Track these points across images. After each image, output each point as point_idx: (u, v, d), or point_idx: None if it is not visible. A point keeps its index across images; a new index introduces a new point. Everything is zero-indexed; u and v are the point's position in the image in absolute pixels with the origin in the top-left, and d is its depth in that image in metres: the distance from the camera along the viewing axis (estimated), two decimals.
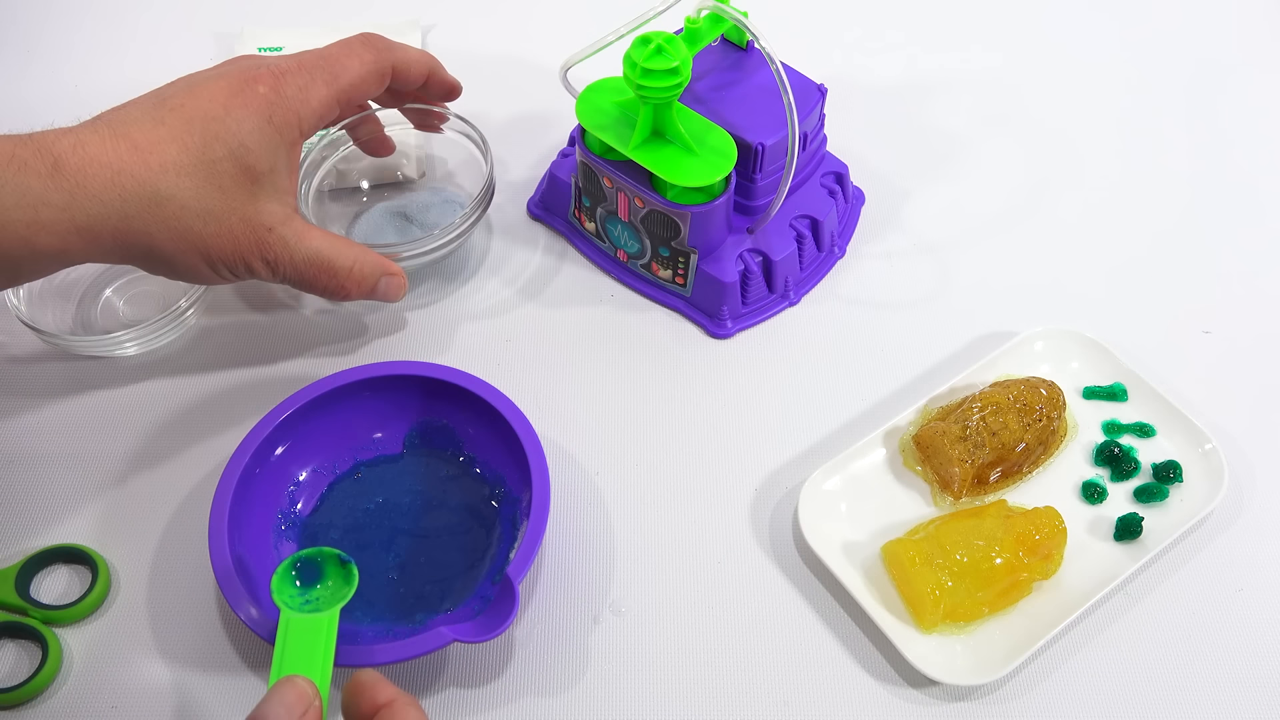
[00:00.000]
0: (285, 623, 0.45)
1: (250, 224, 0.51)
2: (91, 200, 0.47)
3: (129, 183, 0.47)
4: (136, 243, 0.49)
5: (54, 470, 0.58)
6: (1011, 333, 0.63)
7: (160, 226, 0.49)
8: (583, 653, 0.53)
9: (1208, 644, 0.53)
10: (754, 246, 0.62)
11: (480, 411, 0.55)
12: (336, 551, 0.47)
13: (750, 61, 0.62)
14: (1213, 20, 0.82)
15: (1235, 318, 0.65)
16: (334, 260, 0.54)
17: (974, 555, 0.51)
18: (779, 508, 0.57)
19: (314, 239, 0.54)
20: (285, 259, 0.53)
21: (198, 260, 0.51)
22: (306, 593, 0.47)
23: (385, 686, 0.41)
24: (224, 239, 0.51)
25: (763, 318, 0.64)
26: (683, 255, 0.61)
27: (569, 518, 0.57)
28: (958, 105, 0.76)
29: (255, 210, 0.51)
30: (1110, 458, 0.57)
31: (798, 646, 0.53)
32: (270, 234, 0.52)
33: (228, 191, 0.50)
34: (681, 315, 0.64)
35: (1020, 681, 0.52)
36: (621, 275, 0.65)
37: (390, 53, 0.57)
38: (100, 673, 0.52)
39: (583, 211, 0.65)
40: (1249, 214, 0.70)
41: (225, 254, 0.51)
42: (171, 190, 0.48)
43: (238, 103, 0.50)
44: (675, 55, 0.52)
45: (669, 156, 0.56)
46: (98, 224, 0.47)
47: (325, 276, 0.55)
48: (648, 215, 0.60)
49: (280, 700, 0.40)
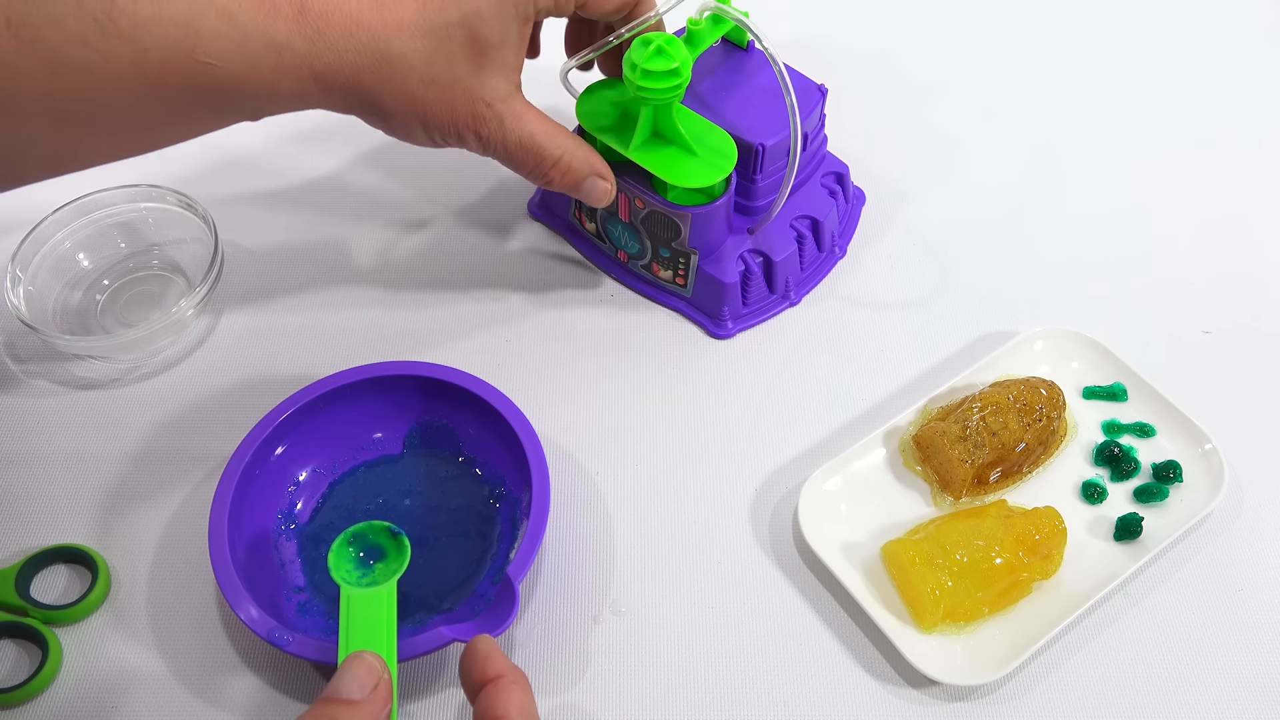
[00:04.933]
0: (346, 599, 0.45)
1: (470, 96, 0.50)
2: (329, 49, 0.47)
3: (364, 36, 0.47)
4: (364, 96, 0.49)
5: (54, 470, 0.58)
6: (1011, 333, 0.63)
7: (386, 84, 0.48)
8: (583, 653, 0.53)
9: (1208, 644, 0.53)
10: (754, 247, 0.62)
11: (480, 411, 0.55)
12: (386, 524, 0.48)
13: (751, 62, 0.61)
14: (1212, 20, 0.82)
15: (1235, 318, 0.65)
16: (544, 147, 0.53)
17: (974, 555, 0.51)
18: (779, 508, 0.57)
19: (529, 122, 0.52)
20: (498, 137, 0.52)
21: (415, 123, 0.51)
22: (364, 568, 0.47)
23: (498, 659, 0.42)
24: (442, 107, 0.50)
25: (763, 318, 0.64)
26: (683, 256, 0.61)
27: (569, 518, 0.57)
28: (958, 105, 0.76)
29: (478, 83, 0.50)
30: (1110, 458, 0.57)
31: (798, 646, 0.53)
32: (489, 110, 0.51)
33: (455, 59, 0.49)
34: (682, 316, 0.64)
35: (1020, 681, 0.52)
36: (622, 276, 0.65)
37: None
38: (100, 673, 0.52)
39: (583, 212, 0.65)
40: (1249, 214, 0.70)
41: (441, 122, 0.51)
42: (402, 50, 0.48)
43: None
44: (675, 56, 0.52)
45: (669, 157, 0.56)
46: (332, 72, 0.47)
47: (533, 161, 0.54)
48: (648, 216, 0.60)
49: (352, 676, 0.41)
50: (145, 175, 0.66)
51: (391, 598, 0.45)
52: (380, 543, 0.48)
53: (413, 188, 0.70)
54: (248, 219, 0.68)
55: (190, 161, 0.71)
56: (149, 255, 0.66)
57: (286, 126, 0.73)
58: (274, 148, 0.72)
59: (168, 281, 0.65)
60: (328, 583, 0.53)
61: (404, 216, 0.69)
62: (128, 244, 0.66)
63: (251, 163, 0.72)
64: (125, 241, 0.65)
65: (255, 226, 0.68)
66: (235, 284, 0.66)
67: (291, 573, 0.54)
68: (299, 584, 0.53)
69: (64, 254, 0.64)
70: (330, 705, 0.40)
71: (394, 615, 0.45)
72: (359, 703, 0.40)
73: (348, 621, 0.44)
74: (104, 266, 0.65)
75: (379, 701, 0.41)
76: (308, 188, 0.70)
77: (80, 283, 0.64)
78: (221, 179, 0.70)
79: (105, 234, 0.65)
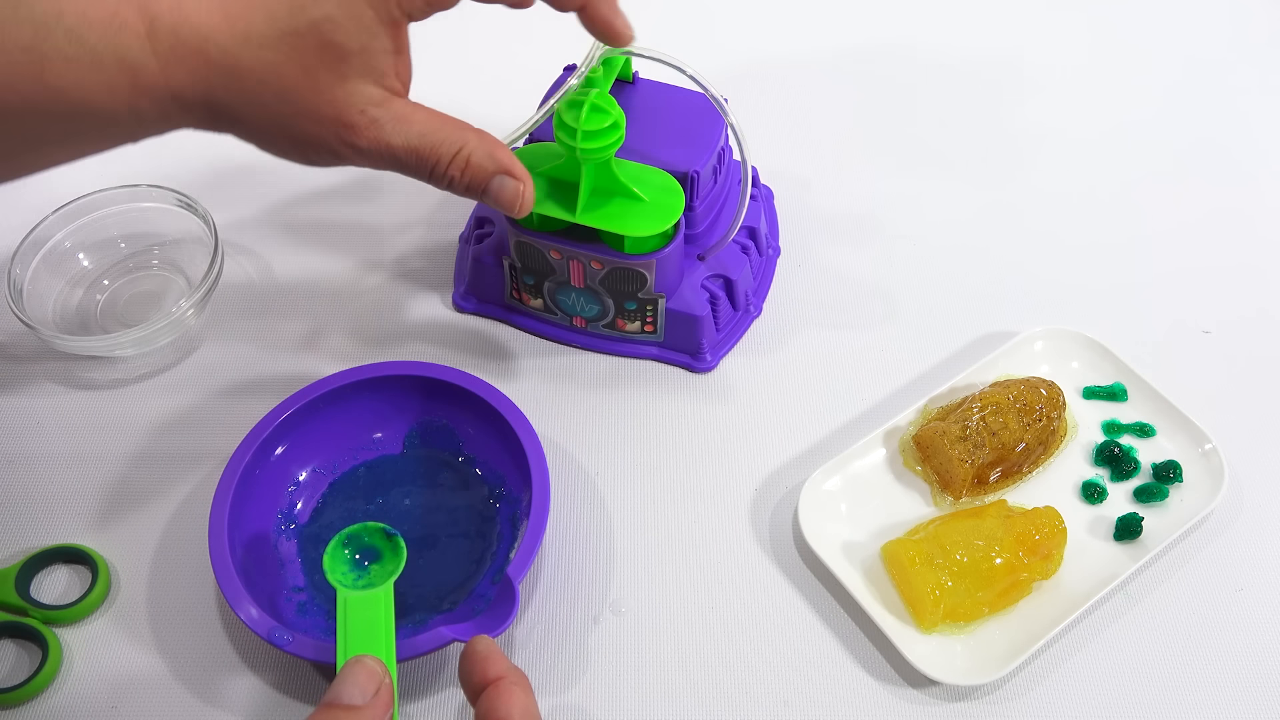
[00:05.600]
0: (343, 602, 0.45)
1: (337, 106, 0.45)
2: (181, 66, 0.44)
3: (214, 51, 0.44)
4: (225, 114, 0.45)
5: (54, 470, 0.58)
6: (1011, 333, 0.63)
7: (243, 101, 0.45)
8: (583, 653, 0.53)
9: (1208, 644, 0.53)
10: (712, 272, 0.60)
11: (480, 411, 0.55)
12: (381, 525, 0.48)
13: (640, 93, 0.59)
14: (1211, 18, 0.82)
15: (1235, 318, 0.65)
16: (437, 145, 0.47)
17: (974, 555, 0.51)
18: (779, 508, 0.57)
19: (416, 123, 0.47)
20: (380, 145, 0.46)
21: (284, 141, 0.47)
22: (359, 570, 0.47)
23: (498, 660, 0.42)
24: (305, 121, 0.46)
25: (736, 339, 0.63)
26: (650, 303, 0.59)
27: (569, 518, 0.57)
28: (957, 105, 0.76)
29: (345, 92, 0.45)
30: (1110, 458, 0.57)
31: (798, 646, 0.53)
32: (362, 116, 0.46)
33: (311, 70, 0.45)
34: (659, 361, 0.62)
35: (1020, 681, 0.52)
36: (583, 341, 0.62)
37: None
38: (100, 673, 0.52)
39: (523, 291, 0.62)
40: (1249, 213, 0.70)
41: (309, 137, 0.46)
42: (251, 63, 0.44)
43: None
44: (611, 110, 0.50)
45: (619, 211, 0.54)
46: (188, 91, 0.44)
47: (427, 163, 0.47)
48: (608, 275, 0.57)
49: (353, 681, 0.40)
50: (145, 175, 0.66)
51: (389, 599, 0.45)
52: (375, 544, 0.48)
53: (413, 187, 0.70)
54: (248, 219, 0.68)
55: (190, 161, 0.71)
56: (149, 255, 0.66)
57: None
58: None
59: (168, 281, 0.65)
60: (328, 583, 0.53)
61: (404, 216, 0.69)
62: (128, 244, 0.66)
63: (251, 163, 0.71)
64: (125, 241, 0.65)
65: (255, 226, 0.68)
66: (235, 284, 0.66)
67: (291, 573, 0.54)
68: (299, 584, 0.53)
69: (64, 254, 0.64)
70: (332, 710, 0.40)
71: (392, 617, 0.45)
72: (361, 708, 0.40)
73: (345, 624, 0.44)
74: (104, 266, 0.65)
75: (381, 706, 0.40)
76: (308, 188, 0.70)
77: (80, 283, 0.64)
78: (221, 179, 0.70)
79: (105, 234, 0.65)
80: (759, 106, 0.74)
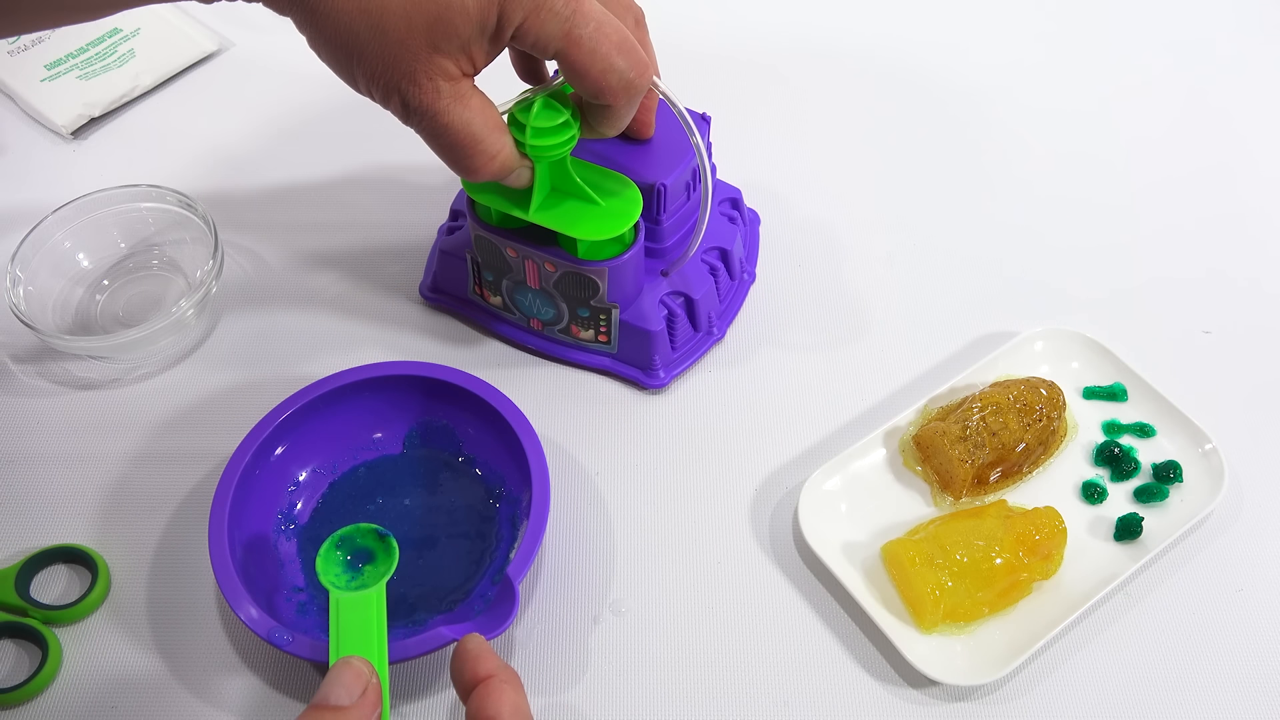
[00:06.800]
0: (335, 603, 0.45)
1: (415, 64, 0.46)
2: None
3: None
4: (310, 3, 0.45)
5: (54, 470, 0.58)
6: (1011, 333, 0.63)
7: (333, 5, 0.44)
8: (583, 653, 0.53)
9: (1208, 644, 0.53)
10: (673, 289, 0.59)
11: (480, 411, 0.55)
12: (373, 526, 0.48)
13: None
14: (1211, 17, 0.82)
15: (1235, 318, 0.65)
16: (482, 139, 0.48)
17: (974, 555, 0.51)
18: (779, 508, 0.57)
19: (473, 109, 0.48)
20: (431, 109, 0.47)
21: (343, 56, 0.46)
22: (352, 571, 0.47)
23: (488, 658, 0.42)
24: (379, 61, 0.46)
25: (693, 360, 0.61)
26: (603, 312, 0.58)
27: (569, 518, 0.57)
28: (956, 105, 0.76)
29: (428, 57, 0.46)
30: (1110, 458, 0.57)
31: (798, 646, 0.53)
32: (429, 81, 0.46)
33: (415, 28, 0.45)
34: (610, 374, 0.62)
35: (1020, 681, 0.52)
36: (539, 345, 0.62)
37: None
38: (100, 673, 0.52)
39: (484, 287, 0.61)
40: (1249, 214, 0.70)
41: (372, 72, 0.46)
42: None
43: None
44: (564, 108, 0.50)
45: (573, 213, 0.53)
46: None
47: (465, 149, 0.49)
48: (561, 279, 0.56)
49: (340, 681, 0.41)
50: (145, 175, 0.66)
51: (381, 600, 0.45)
52: (368, 545, 0.48)
53: (414, 186, 0.70)
54: (248, 219, 0.68)
55: (190, 161, 0.71)
56: (149, 255, 0.66)
57: (287, 126, 0.73)
58: (274, 148, 0.72)
59: (168, 281, 0.65)
60: None
61: (405, 216, 0.69)
62: (128, 244, 0.66)
63: (251, 163, 0.72)
64: (125, 241, 0.65)
65: (255, 226, 0.68)
66: (235, 284, 0.66)
67: (291, 573, 0.54)
68: (298, 584, 0.53)
69: (64, 254, 0.64)
70: (319, 712, 0.40)
71: (384, 618, 0.45)
72: (347, 708, 0.40)
73: (337, 625, 0.44)
74: (104, 266, 0.65)
75: (368, 706, 0.41)
76: (307, 188, 0.70)
77: (80, 283, 0.64)
78: (221, 179, 0.70)
79: (105, 234, 0.65)
80: (752, 122, 0.74)
